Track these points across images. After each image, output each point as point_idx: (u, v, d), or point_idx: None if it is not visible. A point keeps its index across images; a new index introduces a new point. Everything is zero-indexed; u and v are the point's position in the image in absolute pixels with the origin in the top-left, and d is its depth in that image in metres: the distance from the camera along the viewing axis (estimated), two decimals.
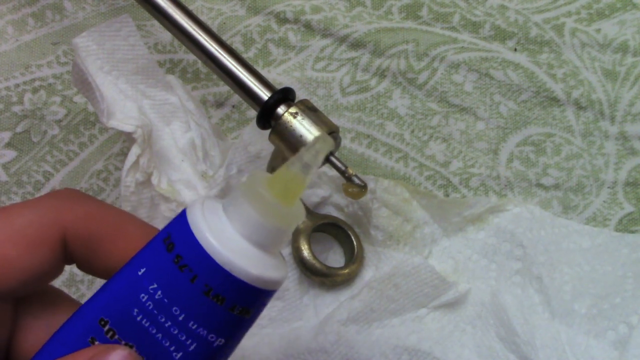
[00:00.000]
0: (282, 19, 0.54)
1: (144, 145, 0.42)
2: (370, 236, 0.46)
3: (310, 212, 0.46)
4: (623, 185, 0.49)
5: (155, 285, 0.24)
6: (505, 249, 0.46)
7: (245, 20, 0.54)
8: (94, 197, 0.28)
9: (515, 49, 0.53)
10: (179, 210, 0.43)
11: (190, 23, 0.41)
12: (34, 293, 0.27)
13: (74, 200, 0.27)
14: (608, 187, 0.49)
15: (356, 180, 0.38)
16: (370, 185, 0.46)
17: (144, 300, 0.24)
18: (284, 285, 0.44)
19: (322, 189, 0.47)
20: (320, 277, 0.44)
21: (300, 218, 0.25)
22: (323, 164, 0.39)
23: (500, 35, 0.54)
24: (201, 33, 0.41)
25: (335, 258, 0.47)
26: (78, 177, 0.49)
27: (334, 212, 0.47)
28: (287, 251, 0.45)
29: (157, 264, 0.24)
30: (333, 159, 0.38)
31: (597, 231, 0.47)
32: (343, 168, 0.38)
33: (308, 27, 0.54)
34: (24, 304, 0.27)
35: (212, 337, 0.24)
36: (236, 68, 0.40)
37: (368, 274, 0.46)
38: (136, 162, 0.42)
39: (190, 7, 0.54)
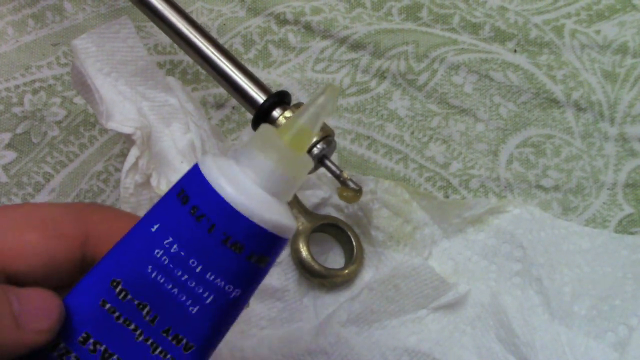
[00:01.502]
0: (282, 20, 0.54)
1: (143, 146, 0.42)
2: (370, 237, 0.46)
3: (309, 213, 0.46)
4: (623, 186, 0.49)
5: (171, 239, 0.23)
6: (505, 250, 0.46)
7: (246, 22, 0.54)
8: (116, 208, 0.29)
9: (515, 51, 0.53)
10: None
11: (186, 25, 0.41)
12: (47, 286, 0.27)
13: (101, 207, 0.28)
14: (608, 189, 0.49)
15: (351, 184, 0.38)
16: (371, 185, 0.46)
17: (158, 255, 0.24)
18: (283, 286, 0.44)
19: (322, 190, 0.47)
20: (319, 279, 0.44)
21: (309, 166, 0.26)
22: (316, 169, 0.39)
23: (500, 37, 0.54)
24: (197, 35, 0.41)
25: (335, 259, 0.47)
26: (78, 179, 0.49)
27: (333, 213, 0.47)
28: (286, 252, 0.45)
29: (172, 217, 0.24)
30: (328, 162, 0.38)
31: (597, 232, 0.47)
32: (338, 172, 0.38)
33: (308, 28, 0.54)
34: None
35: (229, 288, 0.24)
36: (232, 71, 0.40)
37: (368, 275, 0.46)
38: (135, 164, 0.42)
39: (190, 9, 0.54)
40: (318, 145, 0.38)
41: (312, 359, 0.42)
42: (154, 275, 0.24)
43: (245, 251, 0.24)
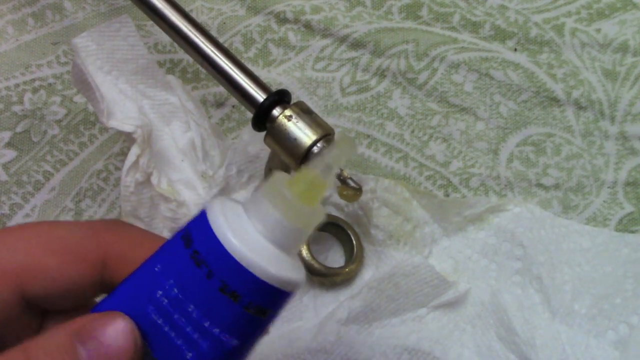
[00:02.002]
0: (282, 19, 0.54)
1: (143, 145, 0.42)
2: (370, 235, 0.46)
3: None
4: (623, 185, 0.49)
5: (172, 281, 0.23)
6: (505, 248, 0.46)
7: (246, 20, 0.54)
8: (138, 227, 0.28)
9: (515, 49, 0.53)
10: (179, 210, 0.43)
11: (186, 24, 0.41)
12: (63, 309, 0.27)
13: (121, 227, 0.27)
14: (608, 187, 0.49)
15: (351, 183, 0.38)
16: (371, 184, 0.46)
17: (159, 296, 0.23)
18: None
19: None
20: (319, 277, 0.44)
21: (320, 219, 0.25)
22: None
23: (500, 35, 0.54)
24: (197, 34, 0.41)
25: (335, 258, 0.47)
26: (78, 177, 0.49)
27: (334, 212, 0.47)
28: None
29: (175, 259, 0.24)
30: None
31: (597, 231, 0.46)
32: (338, 171, 0.38)
33: (308, 27, 0.54)
34: (53, 318, 0.27)
35: (225, 337, 0.23)
36: (231, 69, 0.40)
37: (368, 273, 0.46)
38: (136, 162, 0.42)
39: (190, 7, 0.54)
40: (318, 144, 0.38)
41: (312, 357, 0.42)
42: (154, 315, 0.23)
43: (243, 301, 0.23)
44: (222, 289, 0.23)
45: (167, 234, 0.44)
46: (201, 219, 0.24)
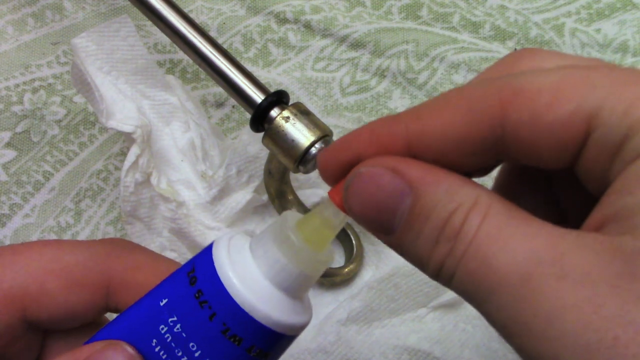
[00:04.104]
0: (282, 19, 0.54)
1: (143, 145, 0.42)
2: (370, 235, 0.46)
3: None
4: None
5: (175, 318, 0.23)
6: None
7: (245, 21, 0.54)
8: (146, 248, 0.28)
9: (516, 49, 0.53)
10: (179, 210, 0.43)
11: (184, 24, 0.41)
12: (65, 328, 0.27)
13: (126, 250, 0.27)
14: None
15: None
16: None
17: (163, 332, 0.23)
18: None
19: (322, 189, 0.47)
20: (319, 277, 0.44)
21: (328, 263, 0.24)
22: (313, 169, 0.39)
23: (500, 36, 0.53)
24: (195, 34, 0.41)
25: (334, 258, 0.47)
26: (78, 177, 0.49)
27: None
28: None
29: (179, 296, 0.23)
30: None
31: None
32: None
33: (308, 27, 0.54)
34: (55, 335, 0.27)
35: None
36: (229, 70, 0.40)
37: (368, 273, 0.46)
38: (135, 162, 0.42)
39: (190, 7, 0.54)
40: (316, 145, 0.38)
41: (312, 357, 0.42)
42: (157, 349, 0.23)
43: (244, 344, 0.23)
44: (224, 332, 0.23)
45: (166, 234, 0.44)
46: (206, 256, 0.24)
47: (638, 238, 0.16)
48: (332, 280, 0.45)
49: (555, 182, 0.22)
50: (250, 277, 0.23)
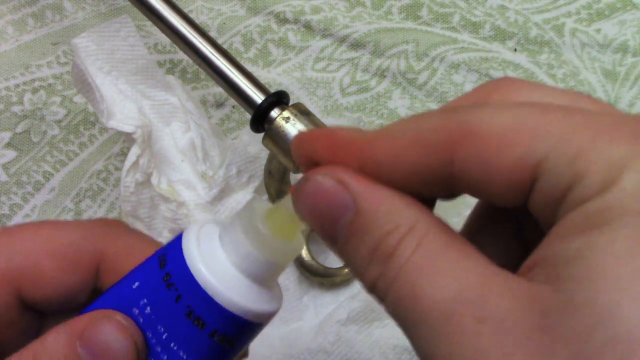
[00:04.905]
0: (282, 19, 0.54)
1: (143, 145, 0.42)
2: None
3: None
4: None
5: (145, 301, 0.23)
6: None
7: (245, 21, 0.54)
8: (138, 231, 0.28)
9: (515, 49, 0.53)
10: (179, 210, 0.43)
11: (184, 24, 0.41)
12: (60, 310, 0.27)
13: (118, 231, 0.27)
14: None
15: None
16: None
17: (135, 314, 0.23)
18: (283, 285, 0.44)
19: None
20: (319, 278, 0.44)
21: (296, 253, 0.24)
22: None
23: (500, 36, 0.54)
24: (195, 35, 0.41)
25: (335, 258, 0.47)
26: (78, 177, 0.49)
27: None
28: None
29: (149, 279, 0.24)
30: None
31: None
32: None
33: (308, 27, 0.54)
34: (51, 318, 0.27)
35: None
36: (230, 70, 0.40)
37: None
38: (136, 163, 0.42)
39: (190, 7, 0.54)
40: None
41: (312, 357, 0.42)
42: None
43: (207, 328, 0.23)
44: (189, 315, 0.23)
45: (167, 234, 0.44)
46: (177, 241, 0.24)
47: (557, 290, 0.16)
48: (332, 280, 0.45)
49: (520, 214, 0.22)
50: (216, 263, 0.23)
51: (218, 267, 0.23)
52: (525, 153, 0.17)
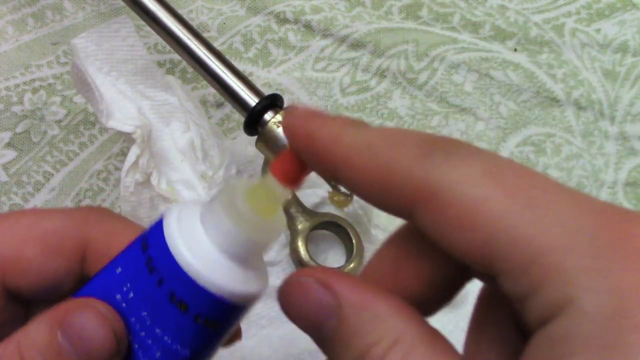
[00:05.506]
0: (282, 19, 0.54)
1: (143, 145, 0.42)
2: (370, 235, 0.46)
3: (309, 212, 0.46)
4: (623, 185, 0.49)
5: (129, 286, 0.23)
6: None
7: (246, 21, 0.54)
8: (124, 217, 0.28)
9: (515, 49, 0.53)
10: None
11: (179, 26, 0.41)
12: (46, 298, 0.27)
13: (103, 217, 0.27)
14: (608, 187, 0.49)
15: (342, 189, 0.38)
16: None
17: (118, 299, 0.23)
18: None
19: (322, 189, 0.47)
20: None
21: (278, 232, 0.24)
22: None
23: (500, 36, 0.53)
24: (189, 36, 0.40)
25: (335, 258, 0.47)
26: (78, 177, 0.49)
27: (333, 212, 0.47)
28: (285, 252, 0.45)
29: (132, 263, 0.23)
30: None
31: None
32: None
33: (308, 27, 0.54)
34: (37, 306, 0.27)
35: (176, 347, 0.23)
36: (224, 73, 0.40)
37: None
38: (135, 163, 0.42)
39: (190, 7, 0.54)
40: None
41: (312, 358, 0.42)
42: None
43: (191, 311, 0.22)
44: (171, 298, 0.22)
45: None
46: (159, 224, 0.24)
47: None
48: None
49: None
50: (197, 244, 0.23)
51: (199, 248, 0.23)
52: (482, 242, 0.17)
